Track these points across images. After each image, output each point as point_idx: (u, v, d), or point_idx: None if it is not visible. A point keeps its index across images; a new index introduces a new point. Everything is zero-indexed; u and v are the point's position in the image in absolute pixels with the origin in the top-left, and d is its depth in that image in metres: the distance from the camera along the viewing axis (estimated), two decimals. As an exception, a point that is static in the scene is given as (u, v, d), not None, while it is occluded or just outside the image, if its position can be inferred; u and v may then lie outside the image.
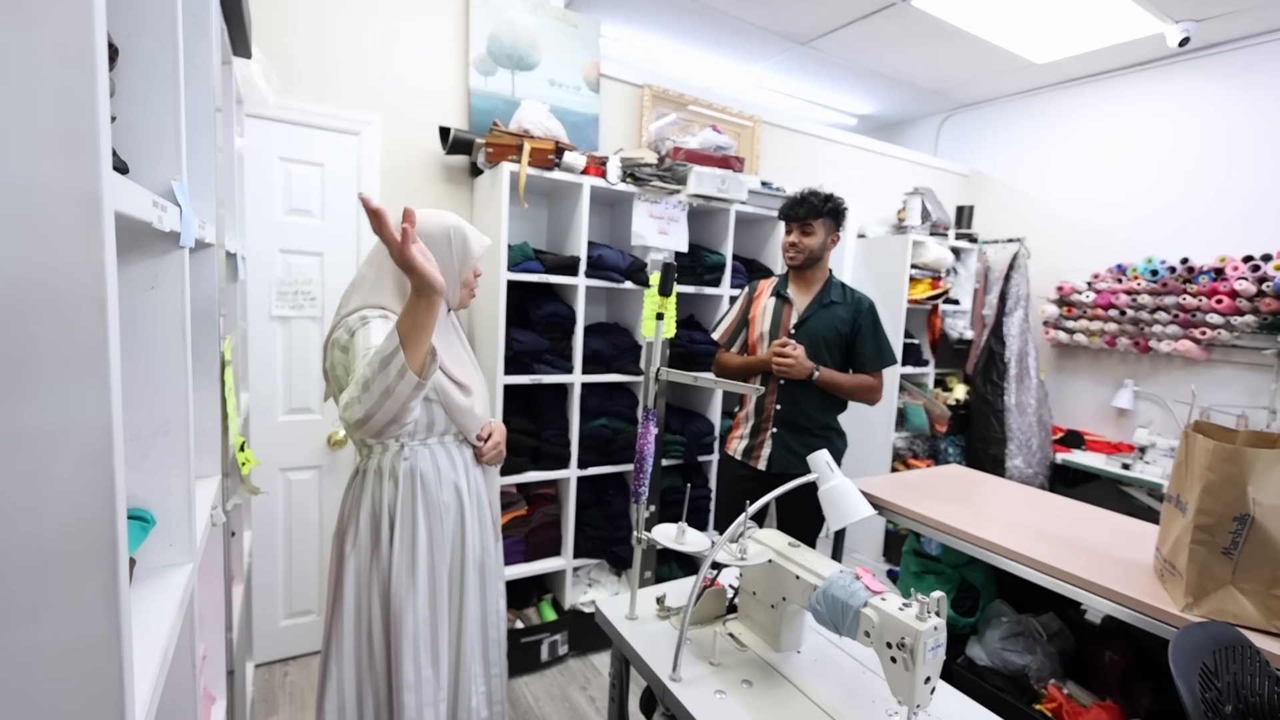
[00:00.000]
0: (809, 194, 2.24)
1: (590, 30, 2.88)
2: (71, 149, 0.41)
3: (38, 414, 0.41)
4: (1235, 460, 1.46)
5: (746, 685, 1.29)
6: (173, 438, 0.74)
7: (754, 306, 2.38)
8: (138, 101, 0.69)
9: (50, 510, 0.42)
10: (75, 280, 0.42)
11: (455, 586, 1.52)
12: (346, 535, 1.45)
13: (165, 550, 0.75)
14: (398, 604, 1.42)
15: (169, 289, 0.72)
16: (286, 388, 2.44)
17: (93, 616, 0.43)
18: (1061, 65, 3.66)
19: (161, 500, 0.75)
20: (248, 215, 2.20)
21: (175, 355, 0.73)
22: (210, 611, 1.10)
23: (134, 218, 0.53)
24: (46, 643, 0.42)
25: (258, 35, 2.13)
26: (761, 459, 2.29)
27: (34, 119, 0.40)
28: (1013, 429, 3.59)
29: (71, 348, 0.42)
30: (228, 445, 1.12)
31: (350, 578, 1.43)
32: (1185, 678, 1.22)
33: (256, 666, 2.48)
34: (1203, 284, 3.20)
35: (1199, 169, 3.43)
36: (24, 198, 0.40)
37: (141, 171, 0.70)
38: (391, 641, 1.43)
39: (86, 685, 0.44)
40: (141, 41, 0.68)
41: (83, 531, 0.43)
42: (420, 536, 1.44)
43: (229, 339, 1.16)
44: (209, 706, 1.11)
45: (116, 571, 0.44)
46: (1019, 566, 1.81)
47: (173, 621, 0.65)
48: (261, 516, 2.42)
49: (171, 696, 0.74)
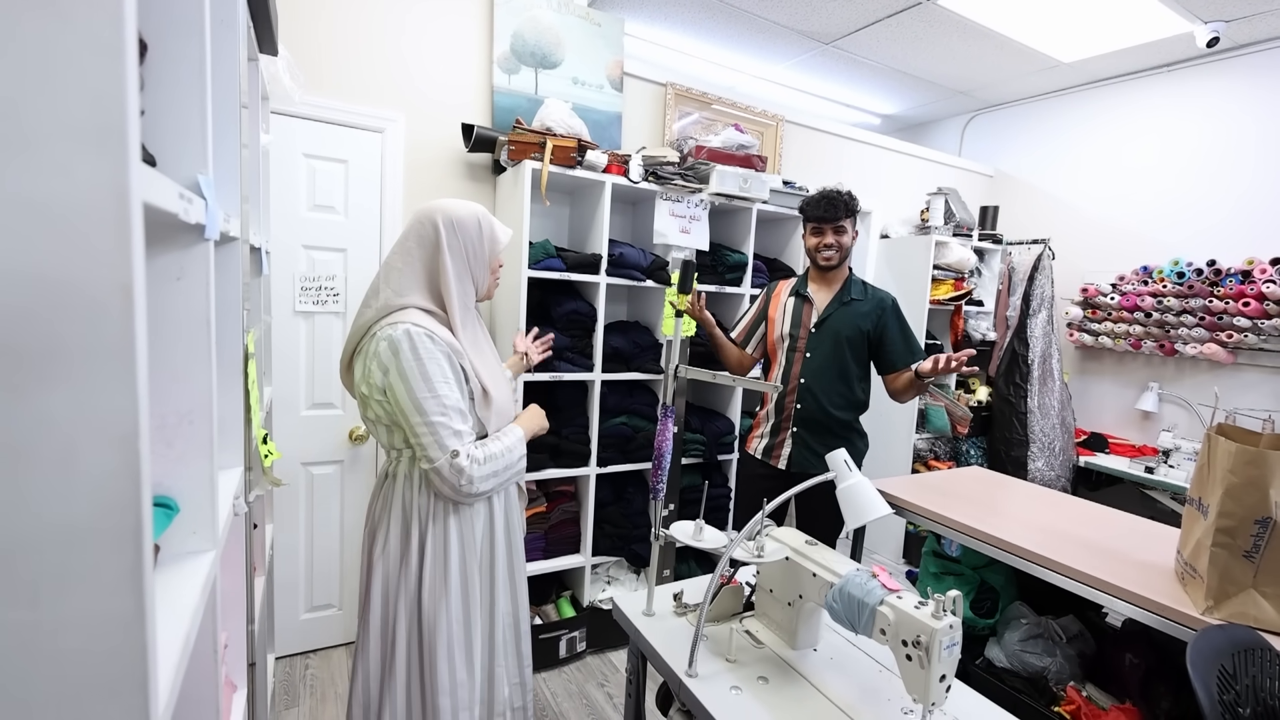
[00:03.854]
0: (834, 194, 2.21)
1: (614, 29, 2.88)
2: (102, 141, 0.42)
3: (68, 400, 0.42)
4: (1258, 463, 1.44)
5: (762, 682, 1.29)
6: (197, 427, 0.75)
7: (773, 306, 2.37)
8: (165, 96, 0.70)
9: (79, 492, 0.43)
10: (104, 270, 0.43)
11: (486, 584, 1.50)
12: (376, 539, 1.44)
13: (189, 537, 0.77)
14: (430, 609, 1.41)
15: (194, 281, 0.73)
16: (309, 382, 2.47)
17: (119, 595, 0.44)
18: (1089, 65, 3.60)
19: (186, 488, 0.76)
20: (272, 211, 2.24)
21: (200, 346, 0.75)
22: (232, 601, 1.12)
23: (161, 209, 0.54)
24: (74, 619, 0.44)
25: (284, 32, 2.16)
26: (782, 458, 2.27)
27: (66, 111, 0.41)
28: (1035, 431, 3.54)
29: (100, 336, 0.43)
30: (250, 437, 1.14)
31: (379, 583, 1.43)
32: (1203, 680, 1.20)
33: (278, 659, 2.52)
34: (1229, 286, 3.14)
35: (1226, 170, 3.36)
36: (55, 188, 0.41)
37: (168, 164, 0.72)
38: (425, 646, 1.42)
39: (111, 661, 0.45)
40: (170, 38, 0.70)
41: (110, 513, 0.44)
42: (452, 541, 1.43)
43: (252, 332, 1.18)
44: (230, 695, 1.13)
45: (141, 553, 0.45)
46: (1038, 568, 1.79)
47: (195, 606, 0.66)
48: (283, 510, 2.46)
49: (194, 681, 0.76)
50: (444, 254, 1.38)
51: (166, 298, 0.72)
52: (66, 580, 0.43)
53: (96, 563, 0.44)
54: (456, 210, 1.41)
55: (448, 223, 1.39)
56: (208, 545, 0.78)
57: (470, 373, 1.40)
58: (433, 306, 1.40)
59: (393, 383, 1.30)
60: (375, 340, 1.34)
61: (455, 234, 1.39)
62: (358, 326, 1.40)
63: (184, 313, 0.74)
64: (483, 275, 1.46)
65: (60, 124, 0.41)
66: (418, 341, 1.30)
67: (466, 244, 1.41)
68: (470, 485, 1.34)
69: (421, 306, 1.38)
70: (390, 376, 1.30)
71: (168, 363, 0.74)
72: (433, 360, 1.31)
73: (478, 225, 1.43)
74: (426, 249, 1.39)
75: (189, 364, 0.75)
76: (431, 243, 1.38)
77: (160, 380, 0.74)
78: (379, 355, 1.31)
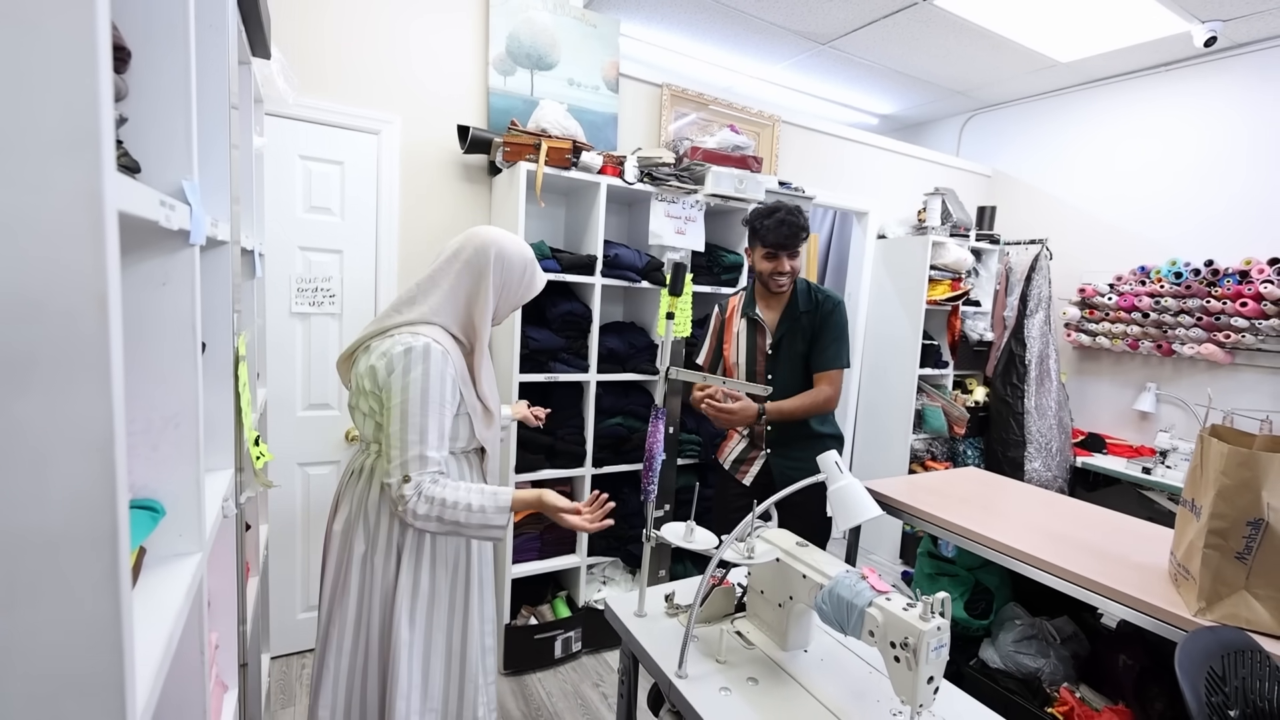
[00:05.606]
0: (793, 219, 2.07)
1: (610, 30, 2.89)
2: (75, 151, 0.42)
3: (41, 407, 0.43)
4: (1250, 464, 1.44)
5: (752, 683, 1.30)
6: (182, 430, 0.76)
7: (726, 332, 2.28)
8: (150, 103, 0.71)
9: (53, 499, 0.44)
10: (78, 279, 0.43)
11: (460, 597, 1.51)
12: (354, 534, 1.44)
13: (175, 540, 0.78)
14: (398, 611, 1.41)
15: (180, 286, 0.74)
16: (305, 383, 2.48)
17: (94, 600, 0.45)
18: (1086, 65, 3.60)
19: (171, 491, 0.77)
20: (268, 213, 2.24)
21: (185, 350, 0.75)
22: (223, 602, 1.13)
23: (140, 217, 0.55)
24: (49, 624, 0.44)
25: (280, 35, 2.17)
26: (749, 475, 2.24)
27: (38, 121, 0.41)
28: (1032, 432, 3.54)
29: (75, 345, 0.44)
30: (241, 439, 1.15)
31: (355, 578, 1.44)
32: (1191, 681, 1.21)
33: (274, 658, 2.53)
34: (1227, 287, 3.14)
35: (1224, 170, 3.36)
36: (29, 198, 0.41)
37: (153, 171, 0.72)
38: (391, 646, 1.42)
39: (87, 666, 0.45)
40: (154, 45, 0.70)
41: (84, 519, 0.44)
42: (425, 550, 1.45)
43: (243, 335, 1.19)
44: (221, 695, 1.13)
45: (117, 558, 0.46)
46: (1031, 569, 1.79)
47: (179, 609, 0.67)
48: (279, 510, 2.47)
49: (179, 682, 0.76)
50: (487, 285, 1.44)
51: (151, 303, 0.73)
52: (42, 586, 0.44)
53: (72, 569, 0.44)
54: (509, 249, 1.47)
55: (498, 257, 1.45)
56: (194, 548, 0.79)
57: (471, 398, 1.44)
58: (456, 331, 1.44)
59: (393, 386, 1.33)
60: (393, 341, 1.36)
61: (502, 269, 1.46)
62: (379, 327, 1.43)
63: (169, 317, 0.74)
64: (505, 312, 1.53)
65: (33, 135, 0.41)
66: (433, 357, 1.34)
67: (508, 281, 1.47)
68: (406, 515, 1.31)
69: (446, 328, 1.43)
70: (393, 379, 1.33)
71: (153, 367, 0.75)
72: (439, 381, 1.34)
73: (524, 269, 1.50)
74: (473, 275, 1.44)
75: (174, 368, 0.75)
76: (478, 271, 1.44)
77: (146, 384, 0.74)
78: (390, 355, 1.35)
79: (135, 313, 0.72)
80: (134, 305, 0.72)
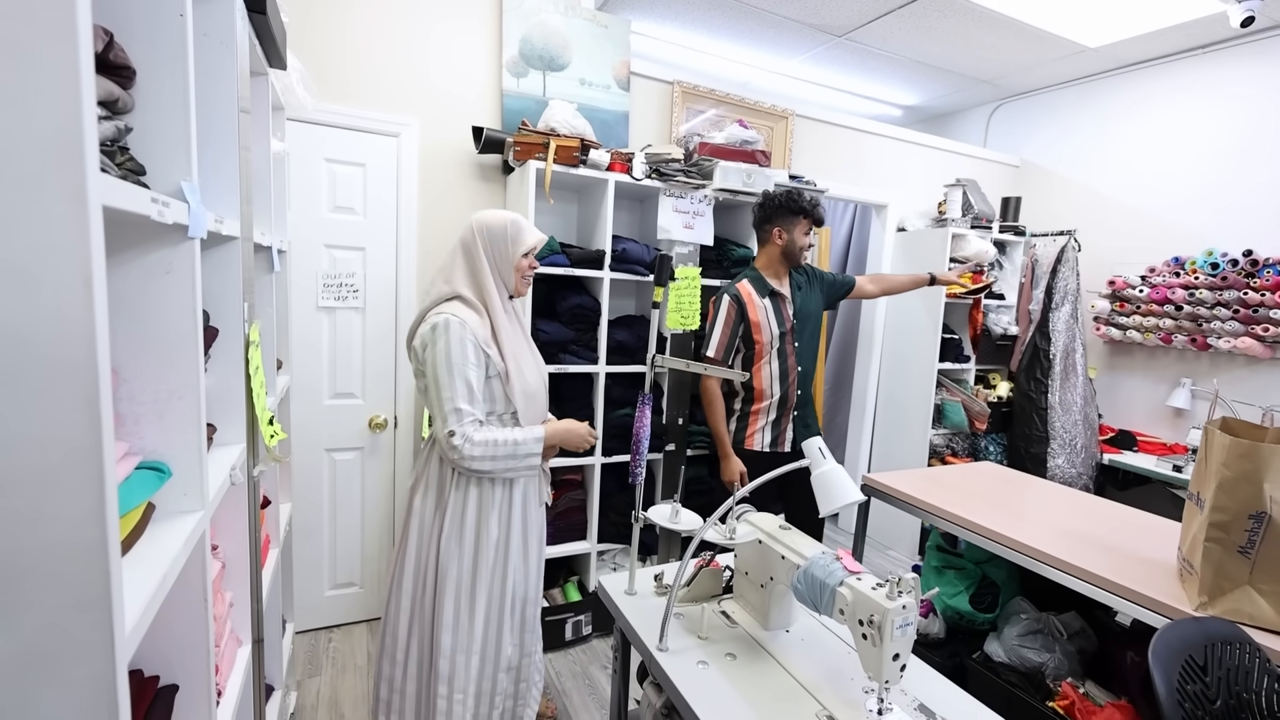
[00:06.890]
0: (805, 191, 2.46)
1: (620, 30, 2.96)
2: (63, 156, 0.52)
3: (40, 364, 0.53)
4: (1252, 456, 1.42)
5: (730, 658, 1.35)
6: (185, 402, 0.86)
7: (751, 313, 2.42)
8: (153, 114, 0.82)
9: (51, 439, 0.54)
10: (69, 263, 0.53)
11: (501, 550, 1.72)
12: (417, 487, 1.72)
13: (180, 499, 0.89)
14: (445, 555, 1.65)
15: (181, 275, 0.84)
16: (331, 373, 2.62)
17: (85, 526, 0.55)
18: (1116, 49, 3.52)
19: (176, 455, 0.88)
20: (296, 213, 2.38)
21: (186, 331, 0.86)
22: (237, 566, 1.24)
23: (132, 212, 0.64)
24: (47, 546, 0.54)
25: (305, 45, 2.31)
26: (786, 442, 2.47)
27: (32, 132, 0.51)
28: (1056, 428, 3.48)
29: (66, 316, 0.53)
30: (255, 418, 1.26)
31: (415, 524, 1.69)
32: (1164, 667, 1.22)
33: (303, 632, 2.68)
34: (1267, 277, 3.03)
35: (1262, 156, 3.24)
36: (26, 193, 0.51)
37: (158, 173, 0.83)
38: (436, 588, 1.67)
39: (80, 582, 0.56)
40: (157, 64, 0.81)
41: (76, 457, 0.55)
42: (470, 501, 1.67)
43: (256, 324, 1.30)
44: (235, 648, 1.25)
45: (104, 492, 0.56)
46: (1035, 562, 1.79)
47: (176, 553, 0.77)
48: (306, 493, 2.61)
49: (179, 616, 0.88)
50: (479, 253, 1.66)
51: (155, 289, 0.83)
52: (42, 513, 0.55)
53: (67, 498, 0.55)
54: (489, 218, 1.69)
55: (480, 228, 1.67)
56: (196, 505, 0.89)
57: (496, 357, 1.63)
58: (473, 298, 1.65)
59: (427, 359, 1.58)
60: (426, 323, 1.61)
61: (486, 237, 1.67)
62: (420, 312, 1.68)
63: (173, 302, 0.85)
64: (508, 273, 1.70)
65: (29, 141, 0.51)
66: (451, 328, 1.56)
67: (494, 245, 1.67)
68: (462, 461, 1.56)
69: (464, 297, 1.64)
70: (427, 353, 1.58)
71: (160, 346, 0.85)
72: (459, 345, 1.56)
73: (504, 230, 1.68)
74: (467, 249, 1.67)
75: (178, 346, 0.86)
76: (469, 244, 1.67)
77: (153, 361, 0.85)
78: (422, 335, 1.60)
79: (142, 298, 0.83)
80: (141, 292, 0.82)
